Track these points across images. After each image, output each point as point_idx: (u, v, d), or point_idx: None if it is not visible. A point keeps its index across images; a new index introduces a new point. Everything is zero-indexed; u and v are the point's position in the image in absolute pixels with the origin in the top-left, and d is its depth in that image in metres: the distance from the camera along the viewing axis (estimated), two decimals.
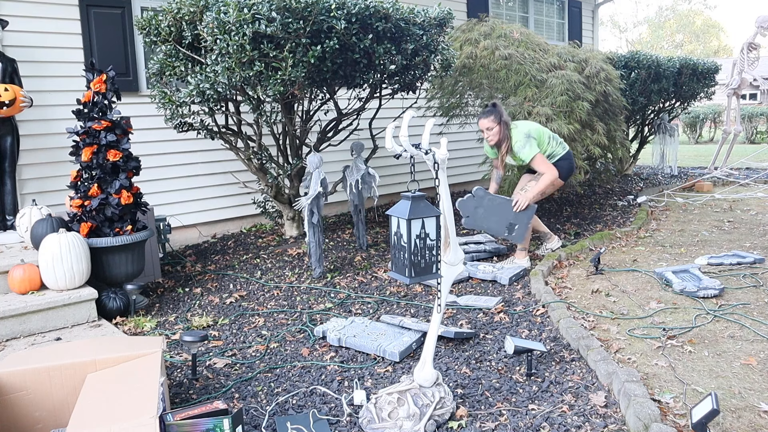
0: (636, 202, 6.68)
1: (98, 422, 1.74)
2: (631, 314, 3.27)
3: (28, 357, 2.21)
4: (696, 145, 17.70)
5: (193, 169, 5.26)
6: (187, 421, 1.94)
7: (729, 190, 7.52)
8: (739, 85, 8.33)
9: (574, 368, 2.64)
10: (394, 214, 2.15)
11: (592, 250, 4.71)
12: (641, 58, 7.79)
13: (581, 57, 6.19)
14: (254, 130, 4.39)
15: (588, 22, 10.28)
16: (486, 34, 6.03)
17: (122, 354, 2.18)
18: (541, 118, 5.35)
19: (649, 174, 9.39)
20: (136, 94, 4.93)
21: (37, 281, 3.39)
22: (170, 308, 3.72)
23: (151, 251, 4.17)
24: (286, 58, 3.51)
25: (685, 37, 41.31)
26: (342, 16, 3.58)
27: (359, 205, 4.67)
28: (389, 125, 2.31)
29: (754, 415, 2.17)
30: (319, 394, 2.52)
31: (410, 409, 2.17)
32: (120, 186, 3.61)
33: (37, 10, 4.45)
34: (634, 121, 8.98)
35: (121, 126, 3.67)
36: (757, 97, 25.79)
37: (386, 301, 3.68)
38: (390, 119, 6.23)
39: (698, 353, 2.72)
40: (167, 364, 2.88)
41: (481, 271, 4.06)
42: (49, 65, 4.53)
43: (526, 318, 3.31)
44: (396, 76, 4.33)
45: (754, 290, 3.55)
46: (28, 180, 4.46)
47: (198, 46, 3.93)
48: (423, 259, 2.12)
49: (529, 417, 2.25)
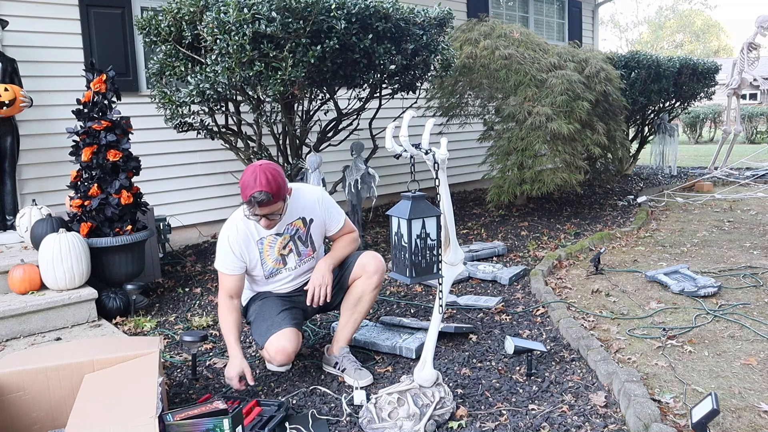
0: (636, 202, 6.68)
1: (97, 422, 1.74)
2: (631, 314, 3.26)
3: (25, 357, 2.20)
4: (696, 145, 17.70)
5: (193, 169, 5.26)
6: (187, 421, 1.94)
7: (729, 190, 7.52)
8: (739, 85, 8.32)
9: (574, 368, 2.64)
10: (394, 214, 2.14)
11: (592, 250, 4.71)
12: (641, 58, 7.79)
13: (581, 57, 6.19)
14: (254, 130, 4.38)
15: (588, 22, 10.27)
16: (486, 34, 6.03)
17: (120, 354, 2.18)
18: (541, 118, 5.36)
19: (649, 174, 9.38)
20: (136, 94, 4.93)
21: (37, 281, 3.38)
22: (170, 308, 3.72)
23: (151, 251, 4.17)
24: (286, 58, 3.51)
25: (686, 37, 41.32)
26: (342, 16, 3.58)
27: (357, 205, 4.67)
28: (389, 125, 2.31)
29: (754, 415, 2.17)
30: (319, 394, 2.51)
31: (410, 409, 2.17)
32: (120, 186, 3.60)
33: (37, 10, 4.45)
34: (634, 121, 8.97)
35: (121, 126, 3.67)
36: (757, 97, 25.80)
37: (386, 301, 3.68)
38: (390, 119, 6.23)
39: (698, 353, 2.72)
40: (167, 364, 2.87)
41: (481, 271, 4.06)
42: (49, 65, 4.52)
43: (526, 318, 3.31)
44: (396, 76, 4.33)
45: (754, 290, 3.55)
46: (28, 180, 4.46)
47: (198, 46, 3.92)
48: (424, 259, 2.12)
49: (529, 417, 2.24)
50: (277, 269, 2.59)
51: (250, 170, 2.30)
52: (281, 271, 2.61)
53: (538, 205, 6.62)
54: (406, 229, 2.08)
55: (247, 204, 2.32)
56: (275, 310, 2.50)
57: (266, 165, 2.32)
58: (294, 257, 2.61)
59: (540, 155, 5.50)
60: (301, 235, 2.59)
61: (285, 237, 2.55)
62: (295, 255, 2.60)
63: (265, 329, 2.44)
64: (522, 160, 5.51)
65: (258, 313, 2.54)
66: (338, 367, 2.65)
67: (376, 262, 2.61)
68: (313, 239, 2.63)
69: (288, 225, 2.54)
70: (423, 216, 2.09)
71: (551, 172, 5.45)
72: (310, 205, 2.59)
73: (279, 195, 2.32)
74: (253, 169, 2.30)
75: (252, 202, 2.28)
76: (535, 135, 5.41)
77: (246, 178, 2.30)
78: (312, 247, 2.64)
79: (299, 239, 2.59)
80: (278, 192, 2.31)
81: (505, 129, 5.81)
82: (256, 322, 2.52)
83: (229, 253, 2.47)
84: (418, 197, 2.12)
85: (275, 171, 2.32)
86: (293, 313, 2.54)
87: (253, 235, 2.50)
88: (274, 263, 2.56)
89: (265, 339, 2.40)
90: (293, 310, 2.57)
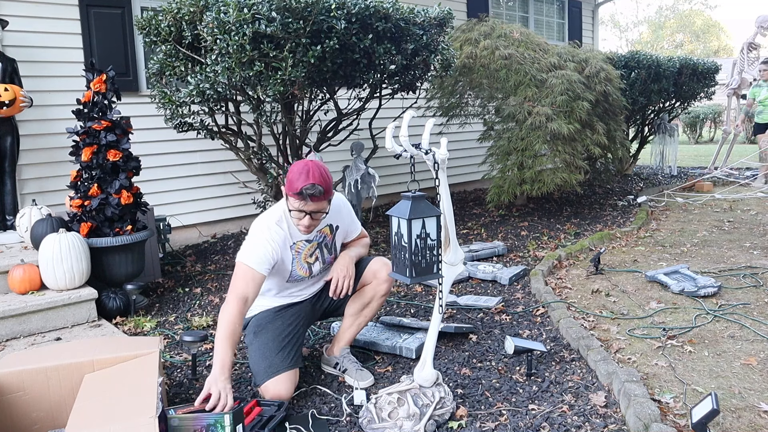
0: (636, 202, 6.68)
1: (97, 422, 1.74)
2: (631, 314, 3.26)
3: (25, 357, 2.20)
4: (696, 145, 17.69)
5: (193, 169, 5.26)
6: (189, 415, 1.94)
7: (729, 190, 7.52)
8: (739, 85, 8.33)
9: (574, 368, 2.64)
10: (394, 214, 2.14)
11: (592, 250, 4.71)
12: (641, 58, 7.79)
13: (581, 57, 6.19)
14: (254, 130, 4.38)
15: (588, 22, 10.27)
16: (486, 34, 6.03)
17: (120, 354, 2.18)
18: (541, 118, 5.36)
19: (649, 174, 9.38)
20: (136, 94, 4.93)
21: (37, 281, 3.38)
22: (170, 308, 3.72)
23: (151, 251, 4.17)
24: (286, 58, 3.51)
25: (686, 37, 41.30)
26: (342, 16, 3.58)
27: (357, 205, 4.67)
28: (389, 125, 2.30)
29: (754, 415, 2.17)
30: (319, 394, 2.51)
31: (410, 409, 2.17)
32: (120, 186, 3.60)
33: (37, 10, 4.45)
34: (634, 121, 8.97)
35: (121, 126, 3.67)
36: None
37: (386, 301, 3.68)
38: (390, 119, 6.23)
39: (698, 353, 2.72)
40: (167, 364, 2.87)
41: (481, 271, 4.06)
42: (49, 65, 4.52)
43: (526, 318, 3.31)
44: (396, 76, 4.33)
45: (754, 290, 3.55)
46: (28, 180, 4.46)
47: (198, 46, 3.92)
48: (424, 259, 2.12)
49: (529, 417, 2.24)
50: (302, 277, 2.50)
51: (302, 164, 2.24)
52: (305, 280, 2.54)
53: (538, 205, 6.62)
54: (406, 229, 2.08)
55: (296, 196, 2.22)
56: (275, 347, 2.38)
57: (317, 161, 2.27)
58: (319, 265, 2.53)
59: (540, 155, 5.50)
60: (328, 242, 2.52)
61: (314, 244, 2.47)
62: (320, 263, 2.53)
63: (263, 370, 2.33)
64: (522, 160, 5.51)
65: (258, 345, 2.40)
66: (339, 367, 2.64)
67: (387, 269, 2.57)
68: (336, 247, 2.57)
69: (318, 232, 2.47)
70: (423, 216, 2.09)
71: (551, 172, 5.45)
72: (336, 213, 2.52)
73: (329, 192, 2.27)
74: (305, 163, 2.24)
75: (304, 194, 2.20)
76: (535, 135, 5.41)
77: (297, 171, 2.22)
78: (335, 255, 2.58)
79: (325, 246, 2.52)
80: (329, 189, 2.26)
81: (505, 129, 5.81)
82: (255, 354, 2.39)
83: (266, 247, 2.30)
84: (418, 197, 2.12)
85: (326, 168, 2.29)
86: (293, 345, 2.43)
87: (289, 237, 2.39)
88: (301, 270, 2.47)
89: (262, 380, 2.32)
90: (294, 338, 2.45)
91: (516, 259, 4.54)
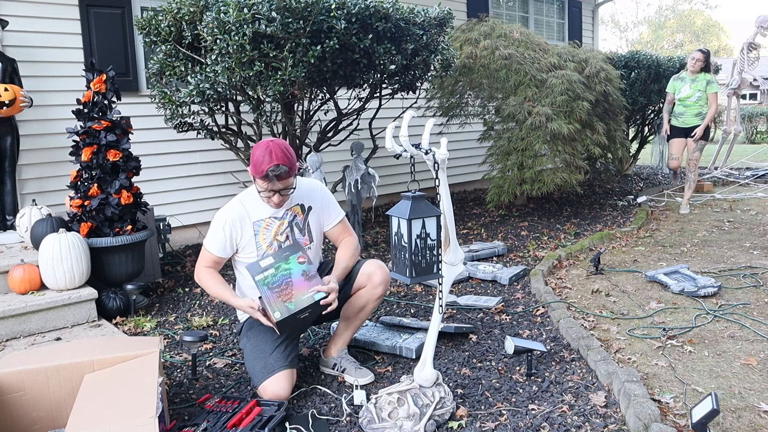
0: (636, 202, 6.68)
1: (97, 422, 1.74)
2: (631, 314, 3.26)
3: (25, 357, 2.20)
4: None
5: (193, 169, 5.26)
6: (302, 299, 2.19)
7: (729, 190, 7.52)
8: (739, 85, 8.32)
9: (574, 368, 2.64)
10: (394, 214, 2.14)
11: (592, 250, 4.71)
12: (641, 58, 7.79)
13: (581, 57, 6.19)
14: (254, 130, 4.39)
15: (588, 21, 10.27)
16: (486, 34, 6.03)
17: (120, 354, 2.18)
18: (541, 118, 5.36)
19: (649, 174, 9.38)
20: (136, 94, 4.93)
21: (37, 281, 3.38)
22: (170, 308, 3.72)
23: (151, 251, 4.17)
24: (286, 58, 3.51)
25: (686, 37, 41.30)
26: (342, 16, 3.58)
27: (357, 205, 4.67)
28: (389, 125, 2.30)
29: (754, 415, 2.17)
30: (319, 394, 2.51)
31: (410, 409, 2.17)
32: (120, 186, 3.60)
33: (37, 10, 4.45)
34: (634, 121, 8.97)
35: (121, 126, 3.67)
36: (757, 97, 25.78)
37: (386, 301, 3.68)
38: (390, 119, 6.23)
39: (698, 353, 2.72)
40: (167, 364, 2.87)
41: (481, 271, 4.06)
42: (49, 65, 4.52)
43: (526, 318, 3.31)
44: (396, 76, 4.33)
45: (754, 290, 3.55)
46: (28, 180, 4.46)
47: (198, 46, 3.92)
48: (424, 259, 2.12)
49: (529, 417, 2.24)
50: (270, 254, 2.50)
51: (263, 146, 2.30)
52: None
53: (538, 205, 6.62)
54: (406, 229, 2.08)
55: (263, 179, 2.31)
56: (269, 347, 2.41)
57: (276, 140, 2.33)
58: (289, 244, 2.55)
59: (540, 155, 5.50)
60: (299, 222, 2.56)
61: (283, 222, 2.52)
62: (290, 242, 2.55)
63: (259, 371, 2.37)
64: (522, 160, 5.51)
65: (251, 347, 2.44)
66: (337, 367, 2.64)
67: (381, 273, 2.57)
68: (311, 229, 2.59)
69: (287, 210, 2.53)
70: (423, 216, 2.09)
71: (551, 172, 5.45)
72: (308, 193, 2.58)
73: (293, 169, 2.34)
74: (266, 144, 2.30)
75: (270, 176, 2.28)
76: (535, 135, 5.41)
77: (259, 154, 2.29)
78: (309, 237, 2.58)
79: (296, 226, 2.56)
80: (293, 166, 2.33)
81: (505, 129, 5.82)
82: (249, 357, 2.43)
83: (219, 234, 2.47)
84: (418, 197, 2.12)
85: (286, 145, 2.34)
86: (287, 345, 2.43)
87: (250, 215, 2.48)
88: (268, 247, 2.50)
89: (259, 381, 2.35)
90: (288, 338, 2.46)
91: (516, 259, 4.54)
